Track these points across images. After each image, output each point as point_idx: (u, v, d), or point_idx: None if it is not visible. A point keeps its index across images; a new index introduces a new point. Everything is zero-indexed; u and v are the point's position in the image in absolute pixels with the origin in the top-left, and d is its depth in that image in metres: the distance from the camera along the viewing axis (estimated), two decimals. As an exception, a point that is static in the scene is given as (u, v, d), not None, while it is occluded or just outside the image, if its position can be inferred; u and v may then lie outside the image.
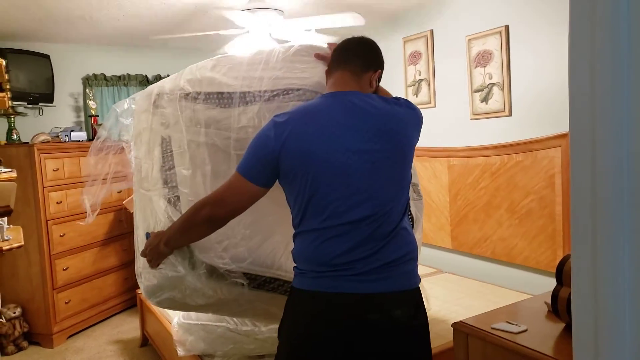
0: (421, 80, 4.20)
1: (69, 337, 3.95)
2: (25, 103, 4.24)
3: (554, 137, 3.06)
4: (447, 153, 3.87)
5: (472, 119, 3.73)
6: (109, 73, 4.82)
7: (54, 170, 3.86)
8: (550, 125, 3.13)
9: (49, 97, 4.42)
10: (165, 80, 2.15)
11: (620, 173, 0.77)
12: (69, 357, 3.62)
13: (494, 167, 3.48)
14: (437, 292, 3.19)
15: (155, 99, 2.07)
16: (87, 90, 4.63)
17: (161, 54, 5.08)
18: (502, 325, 1.70)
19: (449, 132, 3.90)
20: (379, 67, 1.65)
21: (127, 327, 4.12)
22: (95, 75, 4.74)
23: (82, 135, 4.21)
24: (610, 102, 0.76)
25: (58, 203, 3.88)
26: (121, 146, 2.25)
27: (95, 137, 2.27)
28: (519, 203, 3.32)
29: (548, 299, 1.78)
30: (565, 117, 1.00)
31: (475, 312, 1.98)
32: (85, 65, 4.73)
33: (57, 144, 4.01)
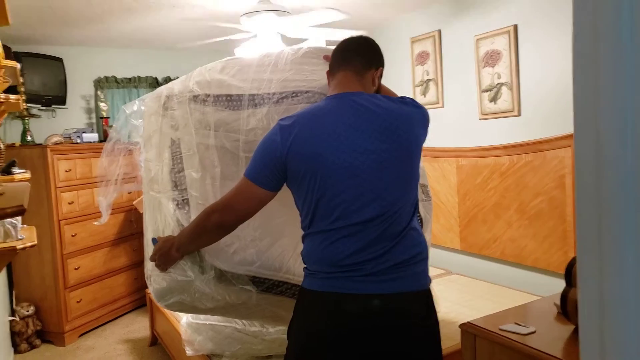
0: (429, 80, 4.19)
1: (80, 335, 4.00)
2: (39, 105, 4.31)
3: (563, 137, 3.04)
4: (455, 153, 3.86)
5: (480, 119, 3.71)
6: (119, 75, 4.86)
7: (66, 171, 3.90)
8: (559, 125, 3.10)
9: (61, 100, 4.48)
10: (175, 82, 2.13)
11: (625, 174, 0.77)
12: (80, 356, 3.65)
13: (503, 168, 3.46)
14: (446, 293, 3.17)
15: (164, 101, 2.06)
16: (99, 93, 4.69)
17: (171, 56, 5.12)
18: (511, 327, 1.69)
19: (457, 132, 3.89)
20: (380, 65, 1.65)
21: (137, 326, 4.15)
22: (106, 78, 4.78)
23: (93, 136, 4.27)
24: (614, 102, 0.76)
25: (70, 203, 3.92)
26: (130, 149, 2.25)
27: (107, 139, 2.27)
28: (529, 204, 3.29)
29: (557, 301, 1.76)
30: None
31: (485, 314, 1.97)
32: (96, 68, 4.78)
33: (69, 145, 4.07)
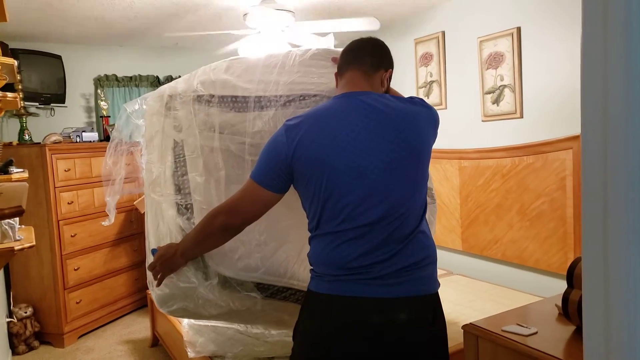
0: (432, 81, 4.19)
1: (80, 337, 3.98)
2: (37, 103, 4.29)
3: (565, 139, 3.04)
4: (458, 155, 3.86)
5: (483, 121, 3.71)
6: (120, 74, 4.85)
7: (65, 170, 3.89)
8: (561, 128, 3.11)
9: (60, 98, 4.46)
10: (178, 81, 2.07)
11: (631, 175, 0.77)
12: (80, 357, 3.64)
13: (505, 169, 3.47)
14: (448, 294, 3.17)
15: (167, 101, 2.00)
16: (99, 91, 4.67)
17: (172, 55, 5.11)
18: (513, 328, 1.69)
19: (460, 133, 3.89)
20: (389, 66, 1.64)
21: (138, 327, 4.14)
22: (106, 76, 4.77)
23: (93, 135, 4.25)
24: (623, 104, 0.76)
25: (69, 203, 3.91)
26: (130, 151, 2.22)
27: (110, 139, 2.24)
28: (530, 205, 3.30)
29: (559, 302, 1.76)
30: (577, 119, 1.00)
31: (486, 315, 1.97)
32: (96, 66, 4.77)
33: (68, 144, 4.04)
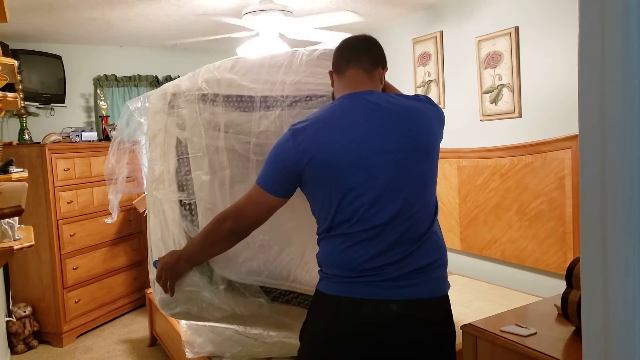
0: (430, 81, 4.18)
1: (79, 336, 3.98)
2: (37, 103, 4.29)
3: (563, 139, 3.04)
4: (456, 154, 3.86)
5: (481, 121, 3.72)
6: (119, 74, 4.85)
7: (64, 170, 3.89)
8: (560, 127, 3.11)
9: (60, 98, 4.45)
10: (182, 79, 2.04)
11: (630, 175, 0.77)
12: (79, 356, 3.64)
13: (504, 169, 3.47)
14: (446, 294, 3.17)
15: (170, 99, 1.98)
16: (98, 91, 4.67)
17: (171, 55, 5.11)
18: (512, 328, 1.69)
19: (458, 133, 3.89)
20: (385, 64, 1.64)
21: (136, 326, 4.14)
22: (106, 76, 4.77)
23: (92, 135, 4.25)
24: (621, 103, 0.76)
25: (68, 203, 3.91)
26: (132, 149, 2.21)
27: (112, 138, 2.22)
28: (529, 205, 3.30)
29: (558, 302, 1.76)
30: (575, 119, 1.00)
31: (484, 315, 1.97)
32: (96, 66, 4.77)
33: (68, 144, 4.05)
